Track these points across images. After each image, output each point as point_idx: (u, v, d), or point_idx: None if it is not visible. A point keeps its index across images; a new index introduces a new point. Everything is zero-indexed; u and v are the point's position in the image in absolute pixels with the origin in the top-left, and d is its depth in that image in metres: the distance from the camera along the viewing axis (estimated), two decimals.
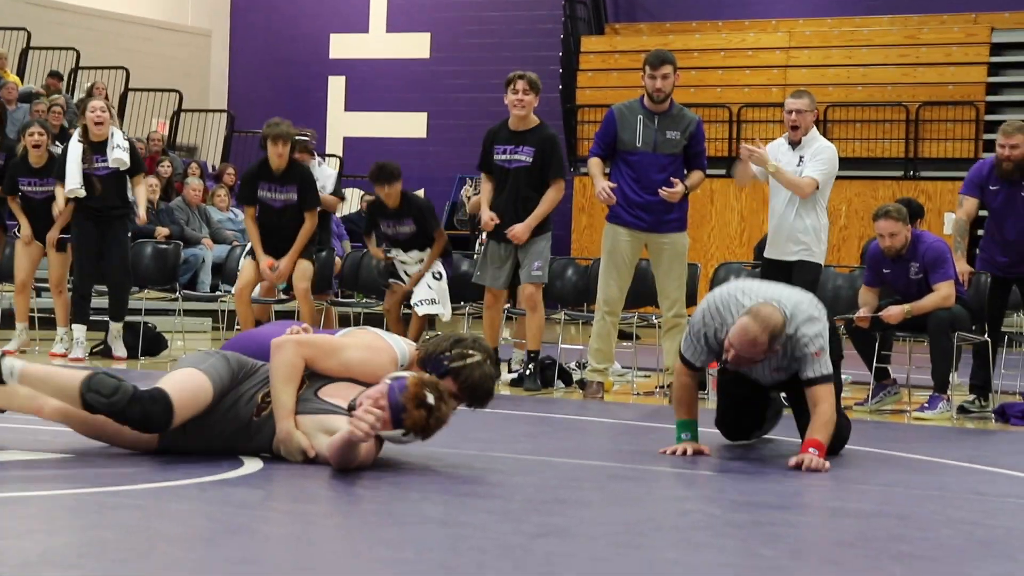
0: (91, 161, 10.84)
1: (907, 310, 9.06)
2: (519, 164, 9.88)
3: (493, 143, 9.94)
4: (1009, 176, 9.35)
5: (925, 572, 4.13)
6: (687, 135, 9.43)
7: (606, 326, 9.55)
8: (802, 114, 9.42)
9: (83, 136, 10.93)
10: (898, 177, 19.14)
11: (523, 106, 9.79)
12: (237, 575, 3.66)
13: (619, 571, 3.89)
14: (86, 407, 5.32)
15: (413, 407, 5.27)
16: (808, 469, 5.90)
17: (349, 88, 24.39)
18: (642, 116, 9.39)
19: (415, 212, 10.74)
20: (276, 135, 10.44)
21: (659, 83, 9.33)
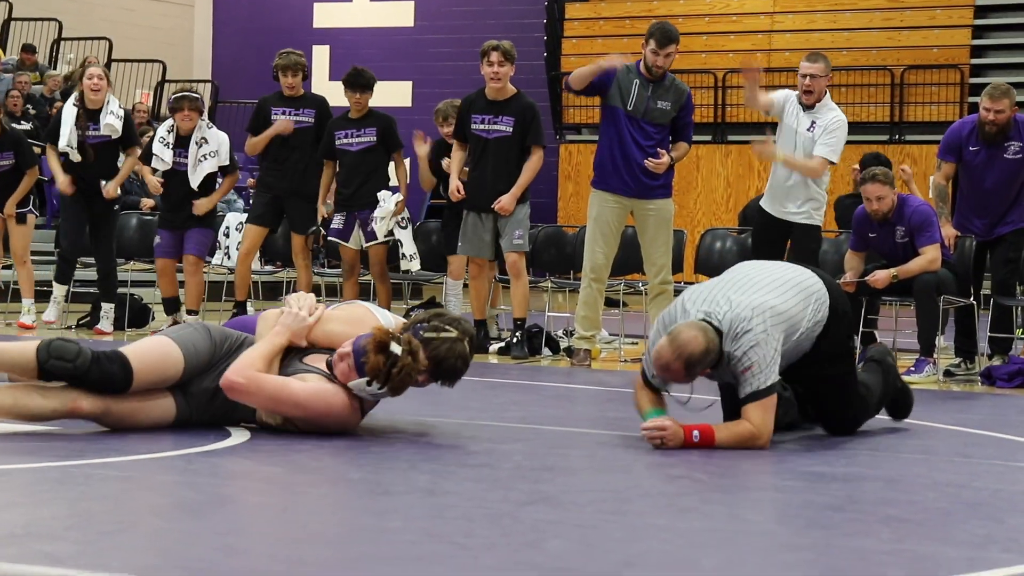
0: (85, 127, 10.79)
1: (893, 274, 9.07)
2: (499, 134, 9.86)
3: (470, 112, 9.92)
4: (992, 139, 9.36)
5: (912, 535, 4.14)
6: (677, 107, 9.40)
7: (592, 293, 9.54)
8: (816, 79, 9.37)
9: (79, 101, 10.89)
10: (883, 141, 19.13)
11: (499, 78, 9.81)
12: (224, 546, 3.66)
13: (606, 537, 3.89)
14: (45, 375, 5.26)
15: (373, 352, 5.26)
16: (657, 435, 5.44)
17: (333, 57, 24.31)
18: (638, 81, 9.34)
19: (381, 124, 10.67)
20: (286, 65, 10.69)
21: (661, 60, 9.28)
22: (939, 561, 3.75)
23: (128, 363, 5.31)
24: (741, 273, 5.77)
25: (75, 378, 5.27)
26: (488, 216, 9.91)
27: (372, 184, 10.61)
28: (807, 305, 5.67)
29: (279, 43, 10.91)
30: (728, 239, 11.20)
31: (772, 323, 5.49)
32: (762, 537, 3.99)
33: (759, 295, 5.57)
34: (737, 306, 5.50)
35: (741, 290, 5.60)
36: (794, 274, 5.78)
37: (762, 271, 5.78)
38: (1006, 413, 7.60)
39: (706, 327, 5.43)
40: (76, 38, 21.88)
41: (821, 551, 3.87)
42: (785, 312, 5.57)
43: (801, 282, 5.73)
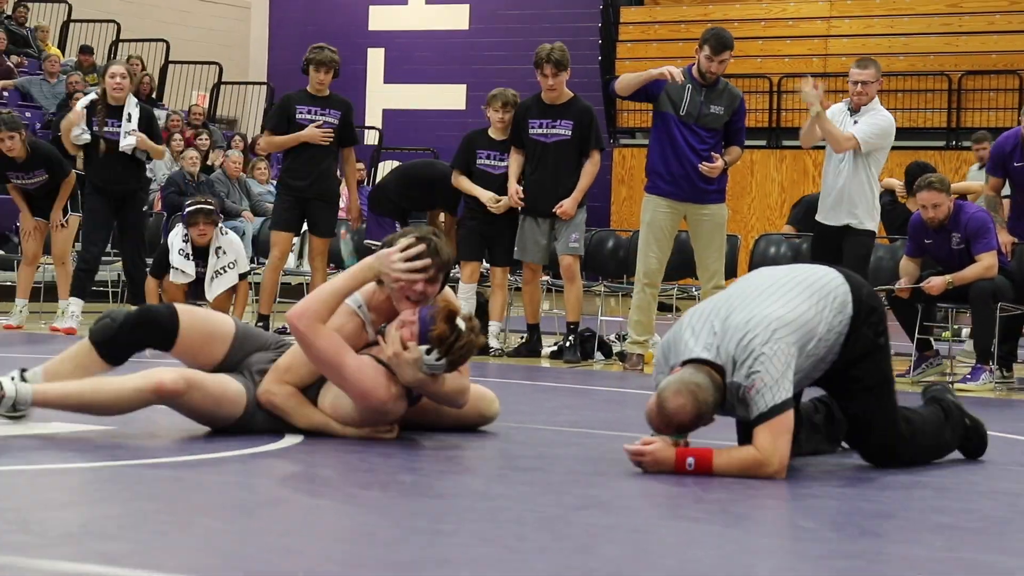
0: (103, 123, 10.80)
1: (949, 280, 9.01)
2: (559, 138, 9.86)
3: (526, 118, 9.91)
4: None
5: (966, 543, 4.10)
6: (730, 111, 9.38)
7: (645, 298, 9.52)
8: (867, 85, 9.38)
9: (101, 98, 10.91)
10: (940, 147, 19.01)
11: (553, 89, 9.82)
12: (276, 547, 3.67)
13: (659, 543, 3.88)
14: (104, 350, 5.36)
15: (441, 320, 5.27)
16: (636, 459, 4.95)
17: (388, 60, 24.39)
18: (691, 87, 9.31)
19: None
20: (320, 61, 10.45)
21: (715, 67, 9.27)
22: (996, 570, 3.72)
23: (175, 311, 5.42)
24: (744, 285, 5.19)
25: (124, 328, 5.34)
26: (546, 221, 9.91)
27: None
28: (823, 307, 5.04)
29: (335, 45, 10.81)
30: (783, 244, 11.16)
31: (780, 335, 4.90)
32: (816, 544, 3.97)
33: (762, 307, 4.98)
34: (736, 329, 4.92)
35: (742, 306, 5.00)
36: (805, 275, 5.18)
37: (767, 277, 5.18)
38: None
39: (696, 388, 4.84)
40: (133, 40, 22.03)
41: (874, 558, 3.84)
42: (795, 320, 4.96)
43: (813, 282, 5.12)
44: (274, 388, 5.39)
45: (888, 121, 9.44)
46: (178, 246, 10.47)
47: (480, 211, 10.24)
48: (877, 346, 5.19)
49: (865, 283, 5.29)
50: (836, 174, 9.40)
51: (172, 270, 10.46)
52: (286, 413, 5.40)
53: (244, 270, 10.59)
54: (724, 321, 4.96)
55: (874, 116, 9.39)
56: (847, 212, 9.39)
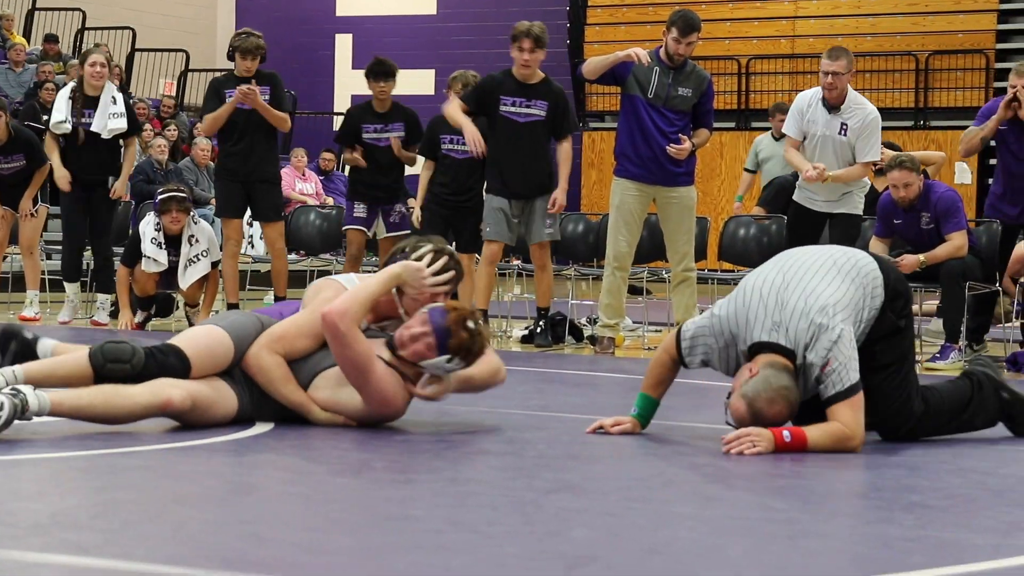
0: (81, 114, 10.74)
1: (921, 260, 9.03)
2: (533, 118, 9.75)
3: (497, 93, 9.73)
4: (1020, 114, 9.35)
5: (936, 521, 4.12)
6: (698, 93, 9.37)
7: (616, 281, 9.52)
8: (839, 76, 9.21)
9: (78, 87, 10.85)
10: (908, 127, 19.07)
11: (528, 65, 9.70)
12: (248, 534, 3.67)
13: (631, 525, 3.89)
14: (102, 379, 5.21)
15: (458, 329, 5.28)
16: (731, 447, 5.09)
17: (356, 46, 24.35)
18: (658, 69, 9.29)
19: (407, 118, 10.65)
20: (245, 49, 10.37)
21: (683, 49, 9.25)
22: (963, 547, 3.74)
23: (183, 353, 5.31)
24: (790, 264, 5.38)
25: (134, 378, 5.22)
26: (517, 203, 9.77)
27: (397, 176, 10.71)
28: (865, 292, 5.31)
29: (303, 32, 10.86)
30: (752, 226, 11.17)
31: (841, 317, 5.16)
32: (786, 525, 3.99)
33: (817, 289, 5.20)
34: (798, 313, 5.15)
35: (797, 287, 5.23)
36: (845, 258, 5.40)
37: (811, 258, 5.38)
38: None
39: (787, 392, 5.10)
40: (99, 28, 21.92)
41: (845, 539, 3.86)
42: (848, 304, 5.22)
43: (854, 266, 5.35)
44: (264, 355, 5.38)
45: (876, 118, 9.31)
46: (150, 235, 10.41)
47: (443, 196, 10.21)
48: (898, 328, 5.41)
49: (894, 268, 5.53)
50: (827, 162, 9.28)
51: (144, 259, 10.40)
52: (270, 381, 5.38)
53: (216, 258, 10.55)
54: (782, 305, 5.20)
55: (867, 124, 9.20)
56: (837, 198, 9.33)
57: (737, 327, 5.25)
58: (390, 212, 10.65)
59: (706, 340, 5.34)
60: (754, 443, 5.10)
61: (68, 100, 10.81)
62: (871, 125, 9.25)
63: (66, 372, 5.24)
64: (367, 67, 10.82)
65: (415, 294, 5.45)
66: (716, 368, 5.41)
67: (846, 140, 9.22)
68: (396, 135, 10.56)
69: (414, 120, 10.73)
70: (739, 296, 5.31)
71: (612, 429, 5.52)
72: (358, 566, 3.35)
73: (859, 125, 9.22)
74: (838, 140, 9.22)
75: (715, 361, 5.36)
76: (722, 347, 5.32)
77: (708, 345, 5.33)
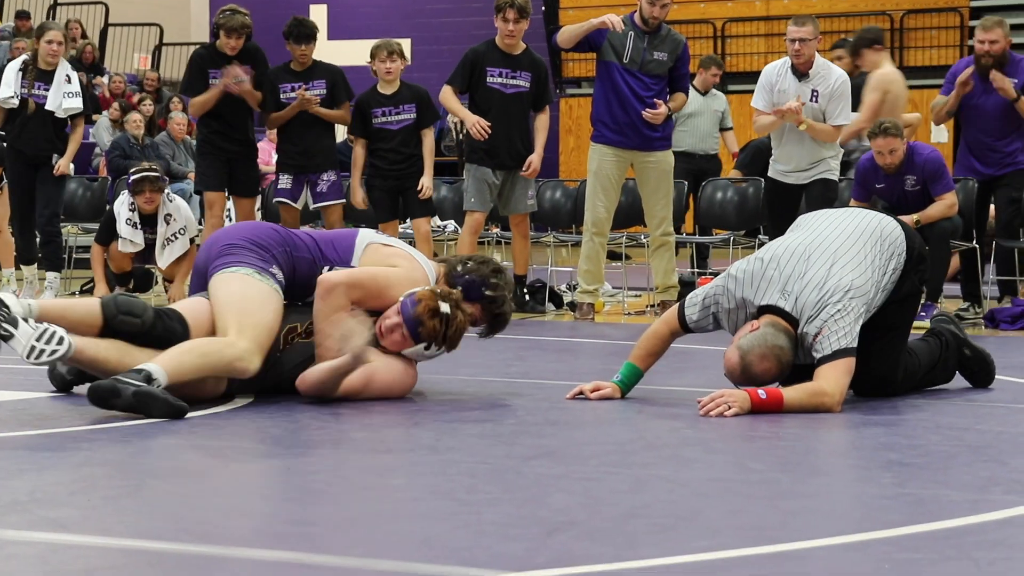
0: (32, 86, 10.53)
1: (916, 219, 9.02)
2: (518, 89, 9.72)
3: (483, 64, 9.71)
4: (987, 71, 9.38)
5: (914, 478, 4.14)
6: (674, 58, 9.33)
7: (594, 247, 9.52)
8: (806, 43, 9.17)
9: (32, 60, 10.63)
10: None
11: (513, 35, 9.67)
12: (227, 507, 3.67)
13: (610, 490, 3.90)
14: (113, 331, 5.21)
15: (428, 318, 5.30)
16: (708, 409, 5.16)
17: (331, 16, 24.22)
18: (633, 34, 9.25)
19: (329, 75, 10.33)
20: (230, 27, 9.99)
21: (657, 11, 9.19)
22: (942, 504, 3.76)
23: (184, 319, 5.33)
24: (818, 232, 5.46)
25: (140, 334, 5.23)
26: (502, 172, 9.74)
27: (324, 141, 10.33)
28: (887, 259, 5.42)
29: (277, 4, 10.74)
30: (729, 189, 11.18)
31: (851, 295, 5.25)
32: (765, 486, 4.00)
33: (839, 268, 5.29)
34: (813, 287, 5.26)
35: (821, 260, 5.32)
36: (870, 225, 5.47)
37: (838, 227, 5.46)
38: (1009, 356, 7.59)
39: (780, 351, 5.22)
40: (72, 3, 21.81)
41: (823, 498, 3.88)
42: (865, 284, 5.30)
43: (881, 229, 5.46)
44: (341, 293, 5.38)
45: (846, 81, 9.31)
46: (125, 215, 10.32)
47: (386, 170, 10.07)
48: (916, 291, 5.61)
49: (916, 234, 5.64)
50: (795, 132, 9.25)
51: (120, 239, 10.33)
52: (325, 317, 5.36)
53: (194, 234, 10.50)
54: (800, 275, 5.31)
55: (837, 89, 9.16)
56: (816, 167, 9.28)
57: (752, 290, 5.37)
58: (317, 181, 10.24)
59: (718, 299, 5.45)
60: (729, 405, 5.15)
61: (18, 72, 10.56)
62: (840, 88, 9.25)
63: (76, 316, 5.22)
64: (285, 28, 10.36)
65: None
66: (724, 328, 5.51)
67: (818, 106, 9.21)
68: (316, 92, 10.18)
69: (338, 76, 10.34)
70: (758, 260, 5.43)
71: (592, 395, 5.56)
72: (338, 536, 3.35)
73: (829, 90, 9.23)
74: (810, 107, 9.21)
75: (724, 321, 5.48)
76: (732, 308, 5.43)
77: (720, 304, 5.44)
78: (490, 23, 9.87)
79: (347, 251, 5.63)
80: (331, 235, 5.78)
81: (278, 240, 5.54)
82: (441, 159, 18.72)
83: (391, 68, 10.04)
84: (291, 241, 5.57)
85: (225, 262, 5.42)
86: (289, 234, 5.63)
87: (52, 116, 10.63)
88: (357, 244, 5.65)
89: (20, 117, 10.58)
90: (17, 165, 10.68)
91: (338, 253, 5.62)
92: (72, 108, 10.64)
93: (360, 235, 5.71)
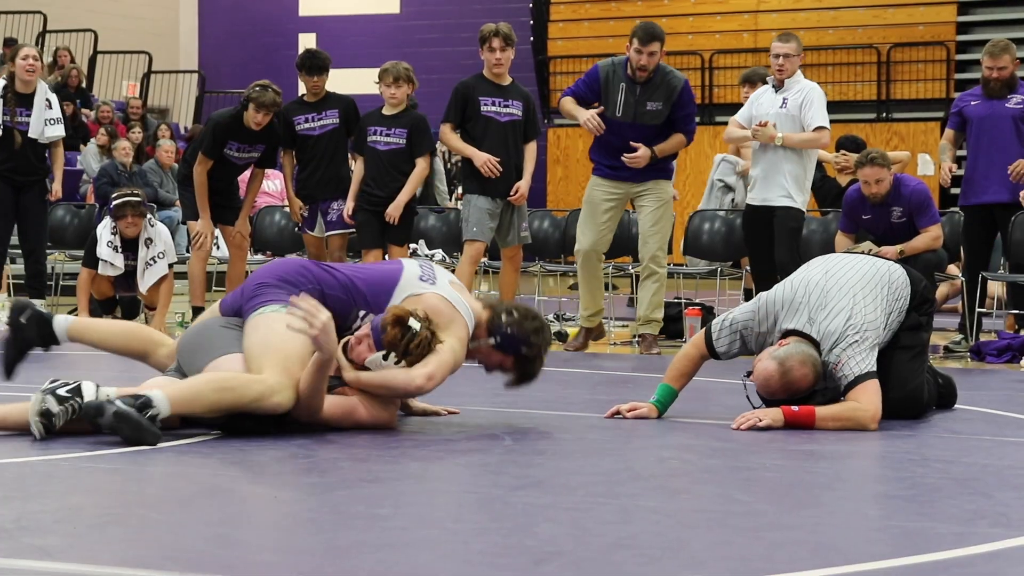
0: (14, 113, 10.44)
1: (900, 249, 9.06)
2: (513, 118, 9.72)
3: (476, 95, 9.70)
4: (996, 94, 9.46)
5: (901, 511, 4.15)
6: (670, 103, 9.15)
7: (581, 273, 9.47)
8: (789, 58, 9.33)
9: (9, 84, 10.49)
10: (871, 119, 19.14)
11: (502, 64, 9.69)
12: (215, 536, 3.66)
13: (597, 520, 3.90)
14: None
15: (390, 325, 5.29)
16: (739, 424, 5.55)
17: (320, 45, 24.23)
18: (624, 85, 9.13)
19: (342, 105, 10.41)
20: (261, 102, 9.93)
21: (644, 59, 9.05)
22: (928, 537, 3.77)
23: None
24: (839, 273, 5.82)
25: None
26: (499, 202, 9.72)
27: (340, 171, 10.41)
28: (894, 304, 5.83)
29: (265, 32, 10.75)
30: (716, 220, 11.20)
31: (867, 328, 5.64)
32: (751, 517, 4.01)
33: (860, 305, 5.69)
34: (836, 315, 5.64)
35: (840, 294, 5.70)
36: (879, 272, 5.87)
37: (852, 268, 5.84)
38: (995, 389, 7.62)
39: (815, 360, 5.57)
40: (60, 30, 21.82)
41: (811, 530, 3.88)
42: (878, 322, 5.71)
43: (888, 275, 5.87)
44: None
45: (816, 89, 9.43)
46: (106, 238, 10.32)
47: (371, 194, 10.02)
48: (920, 323, 5.98)
49: (923, 279, 6.07)
50: (769, 154, 9.30)
51: (100, 262, 10.32)
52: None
53: (173, 260, 10.50)
54: (822, 306, 5.67)
55: (807, 95, 9.30)
56: (779, 192, 9.34)
57: (782, 309, 5.72)
58: (328, 210, 10.33)
59: (748, 324, 5.79)
60: (760, 418, 5.52)
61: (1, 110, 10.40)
62: (810, 95, 9.35)
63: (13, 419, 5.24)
64: (298, 60, 10.50)
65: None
66: (752, 350, 5.84)
67: (787, 112, 9.29)
68: (328, 123, 10.30)
69: (350, 107, 10.42)
70: (787, 286, 5.81)
71: (628, 414, 5.84)
72: (326, 565, 3.35)
73: (799, 96, 9.32)
74: (781, 114, 9.30)
75: (752, 343, 5.82)
76: (762, 331, 5.77)
77: (750, 329, 5.79)
78: (478, 53, 9.88)
79: (385, 296, 5.54)
80: (370, 274, 5.64)
81: (309, 279, 5.46)
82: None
83: (395, 94, 10.05)
84: (323, 279, 5.50)
85: (254, 304, 5.38)
86: (323, 271, 5.55)
87: (34, 142, 10.55)
88: (398, 293, 5.53)
89: (7, 146, 10.47)
90: (1, 187, 10.60)
91: (375, 298, 5.53)
92: (54, 136, 10.58)
93: (401, 282, 5.56)
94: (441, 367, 5.36)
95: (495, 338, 5.54)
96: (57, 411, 5.00)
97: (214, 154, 10.14)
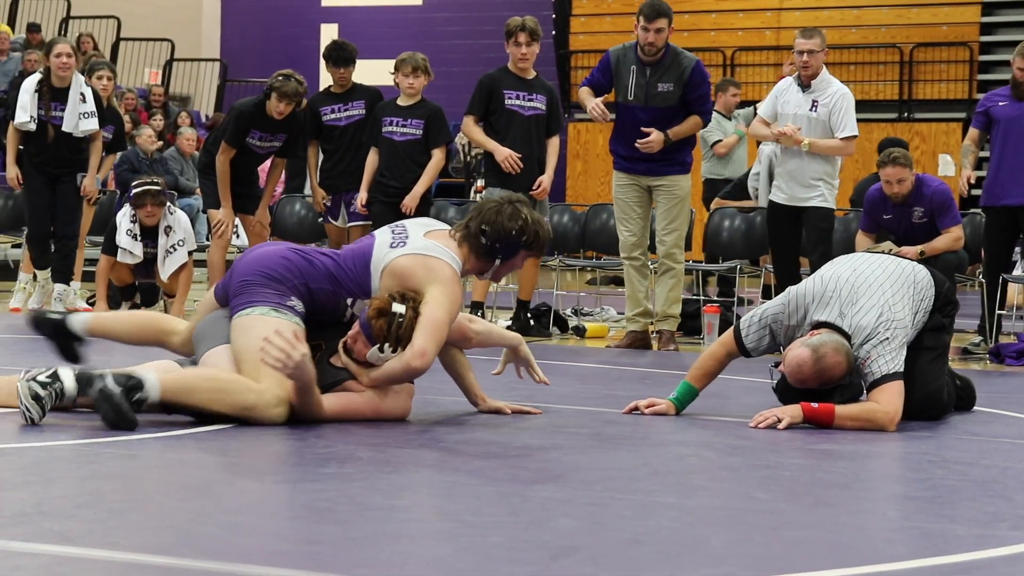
0: (49, 108, 10.40)
1: (921, 250, 9.03)
2: (536, 112, 9.73)
3: (500, 88, 9.70)
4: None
5: (920, 512, 4.14)
6: (681, 84, 9.09)
7: (628, 271, 9.42)
8: (814, 55, 9.22)
9: (45, 79, 10.46)
10: (892, 119, 19.09)
11: (526, 58, 9.68)
12: (233, 524, 3.67)
13: (615, 516, 3.90)
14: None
15: (374, 319, 5.29)
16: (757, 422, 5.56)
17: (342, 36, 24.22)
18: (635, 67, 9.11)
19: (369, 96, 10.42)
20: (284, 92, 9.90)
21: (651, 37, 9.02)
22: (947, 538, 3.76)
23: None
24: (867, 270, 5.85)
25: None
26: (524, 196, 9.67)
27: (359, 160, 10.32)
28: (919, 304, 5.86)
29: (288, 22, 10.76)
30: (736, 217, 11.18)
31: (896, 326, 5.68)
32: (770, 515, 4.00)
33: (890, 303, 5.72)
34: (867, 312, 5.66)
35: (870, 292, 5.74)
36: (905, 272, 5.90)
37: (884, 269, 5.86)
38: (1014, 391, 7.60)
39: (848, 349, 5.59)
40: (84, 16, 21.87)
41: (829, 529, 3.87)
42: (906, 320, 5.75)
43: (914, 280, 5.89)
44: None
45: (847, 95, 9.29)
46: (125, 226, 10.35)
47: (387, 185, 10.04)
48: (943, 325, 6.03)
49: (947, 280, 6.13)
50: (796, 153, 9.27)
51: (120, 250, 10.35)
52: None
53: (192, 247, 10.53)
54: (852, 301, 5.69)
55: (837, 100, 9.20)
56: (810, 192, 9.24)
57: (812, 302, 5.74)
58: (351, 200, 10.32)
59: (778, 317, 5.82)
60: (779, 417, 5.53)
61: (34, 94, 10.38)
62: (841, 100, 9.25)
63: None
64: (325, 51, 10.53)
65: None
66: (780, 344, 5.86)
67: (817, 116, 9.21)
68: (355, 113, 10.35)
69: (376, 98, 10.42)
70: (816, 280, 5.84)
71: (646, 410, 5.87)
72: (343, 555, 3.35)
73: (830, 101, 9.23)
74: (811, 117, 9.22)
75: (781, 337, 5.84)
76: (791, 324, 5.79)
77: (779, 322, 5.81)
78: (500, 46, 9.88)
79: (365, 273, 5.50)
80: (348, 255, 5.59)
81: (293, 271, 5.42)
82: (448, 180, 18.76)
83: (413, 84, 10.06)
84: (307, 271, 5.46)
85: (240, 303, 5.34)
86: (306, 260, 5.49)
87: (69, 136, 10.60)
88: (373, 270, 5.49)
89: (39, 139, 10.48)
90: (37, 177, 10.64)
91: (357, 281, 5.50)
92: (88, 129, 10.59)
93: (374, 257, 5.50)
94: (428, 336, 5.27)
95: (495, 258, 5.62)
96: (44, 395, 5.02)
97: (236, 143, 10.13)
